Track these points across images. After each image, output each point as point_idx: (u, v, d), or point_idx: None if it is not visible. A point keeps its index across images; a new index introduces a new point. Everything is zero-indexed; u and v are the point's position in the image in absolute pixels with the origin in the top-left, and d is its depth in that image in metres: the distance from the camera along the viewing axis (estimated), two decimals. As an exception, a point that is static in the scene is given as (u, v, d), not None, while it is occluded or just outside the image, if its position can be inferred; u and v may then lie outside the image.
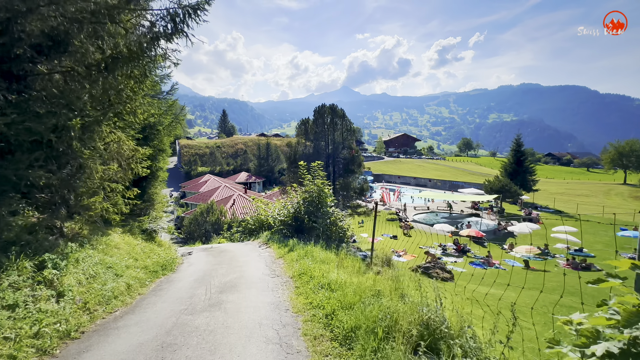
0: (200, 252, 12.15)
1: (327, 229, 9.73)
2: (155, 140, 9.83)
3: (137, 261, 7.00)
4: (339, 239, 9.81)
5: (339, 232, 9.84)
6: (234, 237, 16.70)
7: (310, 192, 10.94)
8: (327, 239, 9.67)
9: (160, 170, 10.78)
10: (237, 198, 31.17)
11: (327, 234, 9.63)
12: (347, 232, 10.00)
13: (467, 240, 26.65)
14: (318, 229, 9.72)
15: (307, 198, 10.98)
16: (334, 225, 9.95)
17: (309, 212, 10.70)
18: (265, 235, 12.48)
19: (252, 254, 9.52)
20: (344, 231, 9.88)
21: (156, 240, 10.01)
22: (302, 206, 11.25)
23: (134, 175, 7.54)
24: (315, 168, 11.11)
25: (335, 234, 9.74)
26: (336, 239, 9.73)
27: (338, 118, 26.91)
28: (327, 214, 10.17)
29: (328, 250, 8.23)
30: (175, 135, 11.55)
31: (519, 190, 39.29)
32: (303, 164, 11.56)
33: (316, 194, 10.73)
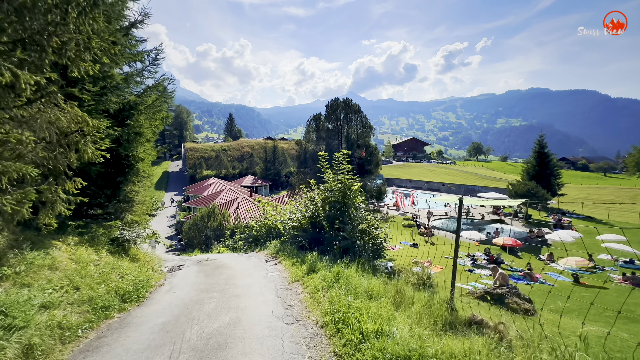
0: (193, 265, 9.67)
1: (357, 238, 7.17)
2: (131, 121, 7.44)
3: (79, 291, 4.51)
4: (373, 253, 7.22)
5: (374, 243, 7.26)
6: (236, 246, 14.22)
7: (333, 190, 8.41)
8: (358, 252, 7.10)
9: (141, 162, 8.37)
10: (241, 201, 28.77)
11: (358, 245, 7.07)
12: (384, 244, 7.41)
13: (497, 249, 23.75)
14: (347, 239, 7.15)
15: (328, 198, 8.45)
16: (366, 234, 7.38)
17: (331, 216, 8.16)
18: (273, 245, 9.96)
19: (257, 273, 6.98)
20: (380, 243, 7.30)
21: (130, 253, 7.54)
22: (320, 208, 8.72)
23: (83, 161, 5.09)
24: (340, 159, 8.60)
25: (368, 247, 7.17)
26: (369, 252, 7.15)
27: (353, 113, 24.34)
28: (356, 219, 7.61)
29: (364, 272, 5.65)
30: (162, 118, 9.19)
31: (546, 195, 36.16)
32: (324, 154, 9.06)
33: (340, 192, 8.20)
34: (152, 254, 10.00)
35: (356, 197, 7.79)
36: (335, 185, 8.52)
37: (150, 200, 11.49)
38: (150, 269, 7.74)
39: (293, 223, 9.48)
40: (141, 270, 6.89)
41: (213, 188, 42.55)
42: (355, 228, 7.36)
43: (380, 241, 7.33)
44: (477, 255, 22.17)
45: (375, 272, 6.22)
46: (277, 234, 11.41)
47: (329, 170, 9.17)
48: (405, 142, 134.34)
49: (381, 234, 7.46)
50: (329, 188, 8.70)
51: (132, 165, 8.26)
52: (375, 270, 6.37)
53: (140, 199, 9.19)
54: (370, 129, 24.93)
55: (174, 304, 5.04)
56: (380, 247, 7.29)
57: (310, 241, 8.86)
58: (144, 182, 9.43)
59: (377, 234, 7.40)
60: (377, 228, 7.51)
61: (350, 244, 7.19)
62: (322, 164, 8.89)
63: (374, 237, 7.36)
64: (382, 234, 7.46)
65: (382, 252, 7.32)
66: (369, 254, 7.12)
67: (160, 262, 10.02)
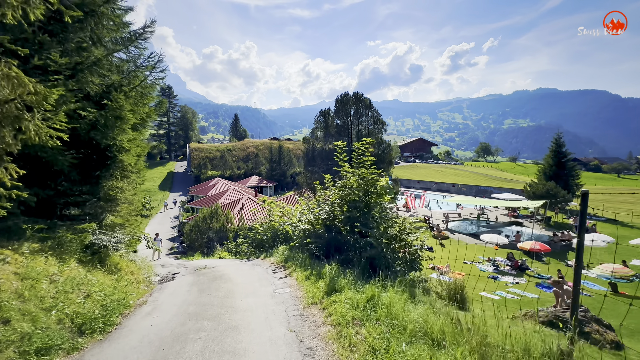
0: (189, 275, 8.32)
1: (387, 246, 5.74)
2: (109, 101, 6.11)
3: (7, 325, 3.16)
4: (407, 265, 5.78)
5: (407, 252, 5.82)
6: (240, 249, 12.87)
7: (352, 187, 7.00)
8: (387, 263, 5.67)
9: (125, 154, 7.05)
10: (246, 202, 27.46)
11: (387, 256, 5.64)
12: (421, 254, 5.94)
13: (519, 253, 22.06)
14: (373, 247, 5.73)
15: (346, 196, 7.04)
16: (397, 240, 5.95)
17: (350, 218, 6.75)
18: (281, 251, 8.57)
19: (262, 290, 5.59)
20: (416, 252, 5.84)
21: (109, 263, 6.20)
22: (337, 209, 7.31)
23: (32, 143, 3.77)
24: (361, 150, 7.20)
25: (401, 258, 5.73)
26: (403, 264, 5.72)
27: (364, 108, 22.85)
28: (383, 222, 6.18)
29: (404, 293, 4.22)
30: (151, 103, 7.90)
31: (567, 196, 34.24)
32: (341, 144, 7.66)
33: (362, 189, 6.79)
34: (142, 262, 8.68)
35: (383, 194, 6.36)
36: (355, 181, 7.10)
37: (141, 199, 10.18)
38: (133, 281, 6.40)
39: (304, 226, 8.07)
40: (119, 285, 5.54)
41: (217, 188, 41.40)
42: (383, 233, 5.92)
43: (415, 249, 5.87)
44: (498, 261, 20.54)
45: (413, 291, 4.79)
46: (285, 237, 10.03)
47: (346, 165, 7.78)
48: (412, 142, 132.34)
49: (416, 240, 6.00)
50: (347, 185, 7.29)
51: (114, 157, 6.94)
52: (413, 289, 4.93)
53: (126, 197, 7.86)
54: (383, 124, 23.39)
55: (147, 340, 3.67)
56: (416, 257, 5.84)
57: (326, 247, 7.45)
58: (132, 178, 8.12)
59: (411, 240, 5.95)
60: (410, 233, 6.05)
61: (378, 253, 5.75)
62: (339, 155, 7.49)
63: (408, 244, 5.91)
64: (417, 240, 6.01)
65: (417, 263, 5.87)
66: (402, 266, 5.68)
67: (151, 270, 8.70)
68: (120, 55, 7.64)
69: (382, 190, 6.34)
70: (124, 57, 7.67)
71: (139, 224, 9.64)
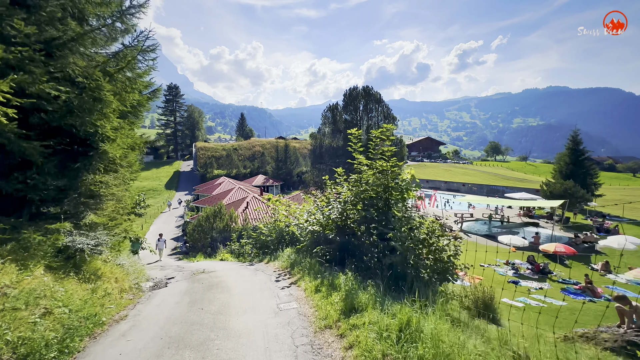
0: (184, 281, 7.44)
1: (411, 251, 4.74)
2: (84, 79, 5.22)
3: None
4: (438, 275, 4.77)
5: (437, 259, 4.80)
6: (243, 251, 11.98)
7: (369, 183, 6.02)
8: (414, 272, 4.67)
9: (109, 143, 6.16)
10: (251, 200, 26.61)
11: (414, 263, 4.64)
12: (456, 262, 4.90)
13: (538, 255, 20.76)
14: (396, 252, 4.73)
15: (362, 193, 6.07)
16: (425, 245, 4.93)
17: (367, 218, 5.76)
18: (286, 255, 7.63)
19: (263, 305, 4.64)
20: (449, 258, 4.81)
21: (87, 269, 5.32)
22: (350, 207, 6.34)
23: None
24: (380, 137, 6.22)
25: (430, 267, 4.72)
26: (433, 274, 4.70)
27: (374, 103, 21.72)
28: (407, 222, 5.18)
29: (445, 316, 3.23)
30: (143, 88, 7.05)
31: (587, 195, 32.62)
32: (356, 132, 6.70)
33: (381, 184, 5.81)
34: (133, 265, 7.82)
35: (408, 190, 5.35)
36: (373, 175, 6.11)
37: (134, 196, 9.33)
38: (116, 291, 5.51)
39: (313, 227, 7.11)
40: (93, 297, 4.64)
41: (222, 187, 40.73)
42: (409, 236, 4.91)
43: (448, 256, 4.85)
44: (517, 264, 19.28)
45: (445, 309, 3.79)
46: (291, 239, 9.10)
47: (362, 157, 6.81)
48: (420, 141, 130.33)
49: (449, 245, 4.97)
50: (363, 179, 6.30)
51: (96, 148, 6.07)
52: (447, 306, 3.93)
53: (114, 193, 6.99)
54: (393, 120, 22.24)
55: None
56: (449, 266, 4.82)
57: (339, 251, 6.47)
58: (120, 173, 7.24)
59: (444, 245, 4.92)
60: (441, 236, 5.03)
61: (402, 260, 4.75)
62: (354, 145, 6.53)
63: (438, 249, 4.90)
64: (450, 245, 4.98)
65: (451, 273, 4.84)
66: (432, 276, 4.68)
67: (143, 275, 7.84)
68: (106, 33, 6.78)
69: (406, 186, 5.34)
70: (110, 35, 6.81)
71: (130, 223, 8.80)
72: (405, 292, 4.33)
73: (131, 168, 8.20)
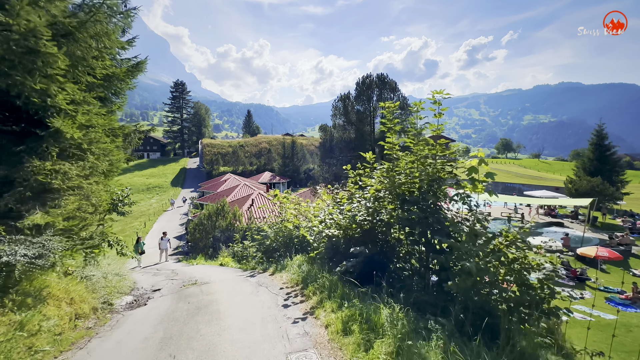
0: (168, 297, 5.95)
1: (489, 274, 3.14)
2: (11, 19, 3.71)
3: None
4: (528, 307, 3.15)
5: (527, 287, 3.18)
6: (246, 254, 10.48)
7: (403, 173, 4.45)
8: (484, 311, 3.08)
9: (64, 120, 4.66)
10: (256, 198, 25.16)
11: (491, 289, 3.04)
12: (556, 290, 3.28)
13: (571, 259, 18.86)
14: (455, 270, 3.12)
15: (397, 184, 4.48)
16: (504, 260, 3.32)
17: (409, 221, 4.15)
18: (297, 264, 6.06)
19: (267, 350, 3.07)
20: (546, 285, 3.18)
21: (21, 290, 3.83)
22: (379, 205, 4.76)
23: None
24: (417, 110, 4.65)
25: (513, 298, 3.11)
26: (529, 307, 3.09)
27: (389, 92, 19.88)
28: (473, 229, 3.57)
29: None
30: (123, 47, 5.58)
31: (616, 193, 30.37)
32: (392, 105, 5.13)
33: (426, 176, 4.22)
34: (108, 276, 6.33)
35: (476, 183, 3.73)
36: (417, 161, 4.50)
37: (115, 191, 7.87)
38: (69, 317, 4.01)
39: (330, 231, 5.53)
40: (16, 336, 3.13)
41: (228, 184, 39.47)
42: (478, 248, 3.30)
43: (544, 278, 3.22)
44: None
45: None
46: (301, 243, 7.54)
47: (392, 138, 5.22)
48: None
49: (540, 262, 3.34)
50: (401, 168, 4.70)
51: (44, 125, 4.57)
52: None
53: (81, 187, 5.50)
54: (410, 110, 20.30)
55: None
56: (546, 295, 3.18)
57: (365, 264, 4.87)
58: (89, 161, 5.74)
59: (538, 262, 3.29)
60: (528, 248, 3.39)
61: (471, 284, 3.13)
62: (388, 123, 4.95)
63: (526, 267, 3.27)
64: (545, 262, 3.34)
65: (549, 305, 3.20)
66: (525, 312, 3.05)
67: (120, 288, 6.36)
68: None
69: (475, 174, 3.70)
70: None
71: (109, 225, 7.34)
72: (487, 339, 2.72)
73: (108, 157, 6.70)
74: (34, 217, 4.40)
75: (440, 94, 4.35)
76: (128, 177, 60.01)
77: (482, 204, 7.31)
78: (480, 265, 3.08)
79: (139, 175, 62.48)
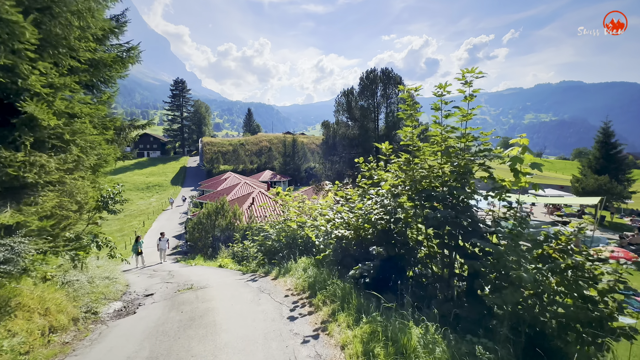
0: (160, 304, 5.38)
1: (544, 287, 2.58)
2: None
3: None
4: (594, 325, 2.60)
5: (586, 300, 2.63)
6: (247, 254, 9.92)
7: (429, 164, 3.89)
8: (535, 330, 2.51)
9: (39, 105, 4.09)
10: (257, 196, 24.60)
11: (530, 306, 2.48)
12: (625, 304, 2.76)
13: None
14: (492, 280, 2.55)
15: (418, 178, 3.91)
16: (557, 268, 2.76)
17: (433, 220, 3.57)
18: (302, 267, 5.49)
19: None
20: (609, 297, 2.66)
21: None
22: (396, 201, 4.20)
23: None
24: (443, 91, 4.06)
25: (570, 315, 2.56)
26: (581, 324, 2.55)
27: (394, 86, 19.24)
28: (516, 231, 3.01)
29: None
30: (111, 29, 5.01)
31: (624, 192, 29.76)
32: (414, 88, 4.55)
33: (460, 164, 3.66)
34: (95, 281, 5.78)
35: (520, 176, 3.17)
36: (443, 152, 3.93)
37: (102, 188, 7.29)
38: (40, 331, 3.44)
39: (339, 231, 4.95)
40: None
41: (228, 182, 38.92)
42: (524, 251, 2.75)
43: (603, 291, 2.67)
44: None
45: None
46: (305, 244, 6.96)
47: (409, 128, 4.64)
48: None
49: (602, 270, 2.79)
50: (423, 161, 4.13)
51: (18, 112, 4.00)
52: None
53: (63, 182, 4.94)
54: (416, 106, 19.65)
55: None
56: (613, 310, 2.63)
57: (381, 270, 4.30)
58: (71, 153, 5.17)
59: (601, 271, 2.74)
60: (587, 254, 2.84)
61: (519, 298, 2.57)
62: (411, 108, 4.40)
63: (588, 277, 2.71)
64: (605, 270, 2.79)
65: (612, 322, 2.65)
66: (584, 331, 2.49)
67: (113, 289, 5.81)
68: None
69: (519, 165, 3.14)
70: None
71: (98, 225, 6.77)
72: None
73: (95, 150, 6.12)
74: (3, 216, 3.83)
75: (472, 73, 3.76)
76: (128, 176, 59.51)
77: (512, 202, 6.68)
78: (535, 276, 2.51)
79: (138, 174, 61.97)
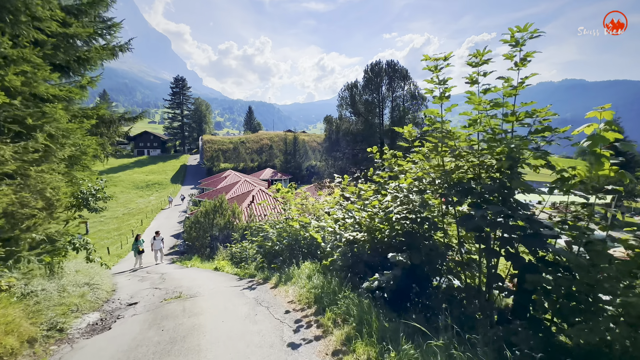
0: (142, 316, 4.61)
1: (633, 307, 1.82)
2: None
3: None
4: None
5: None
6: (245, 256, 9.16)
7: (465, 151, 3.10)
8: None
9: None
10: (257, 194, 23.83)
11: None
12: None
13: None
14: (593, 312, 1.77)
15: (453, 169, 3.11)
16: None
17: (479, 221, 2.79)
18: (305, 275, 4.71)
19: None
20: None
21: None
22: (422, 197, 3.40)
23: None
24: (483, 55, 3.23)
25: None
26: None
27: (399, 80, 18.39)
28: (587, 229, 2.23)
29: None
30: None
31: (635, 190, 28.87)
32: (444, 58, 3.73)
33: (513, 148, 2.86)
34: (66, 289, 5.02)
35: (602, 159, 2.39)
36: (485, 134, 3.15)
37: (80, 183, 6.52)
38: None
39: (350, 233, 4.17)
40: None
41: (228, 180, 38.19)
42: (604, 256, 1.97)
43: None
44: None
45: None
46: (309, 246, 6.19)
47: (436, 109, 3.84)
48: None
49: None
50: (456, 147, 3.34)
51: None
52: None
53: (26, 175, 4.18)
54: (423, 100, 18.83)
55: None
56: None
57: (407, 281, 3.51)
58: (37, 141, 4.40)
59: None
60: None
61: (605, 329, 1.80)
62: (442, 82, 3.58)
63: None
64: None
65: None
66: None
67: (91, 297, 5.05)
68: None
69: (598, 148, 2.37)
70: None
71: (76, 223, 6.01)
72: None
73: (70, 140, 5.34)
74: None
75: (525, 32, 2.94)
76: (128, 174, 58.90)
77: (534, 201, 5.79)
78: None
79: (138, 172, 61.34)
